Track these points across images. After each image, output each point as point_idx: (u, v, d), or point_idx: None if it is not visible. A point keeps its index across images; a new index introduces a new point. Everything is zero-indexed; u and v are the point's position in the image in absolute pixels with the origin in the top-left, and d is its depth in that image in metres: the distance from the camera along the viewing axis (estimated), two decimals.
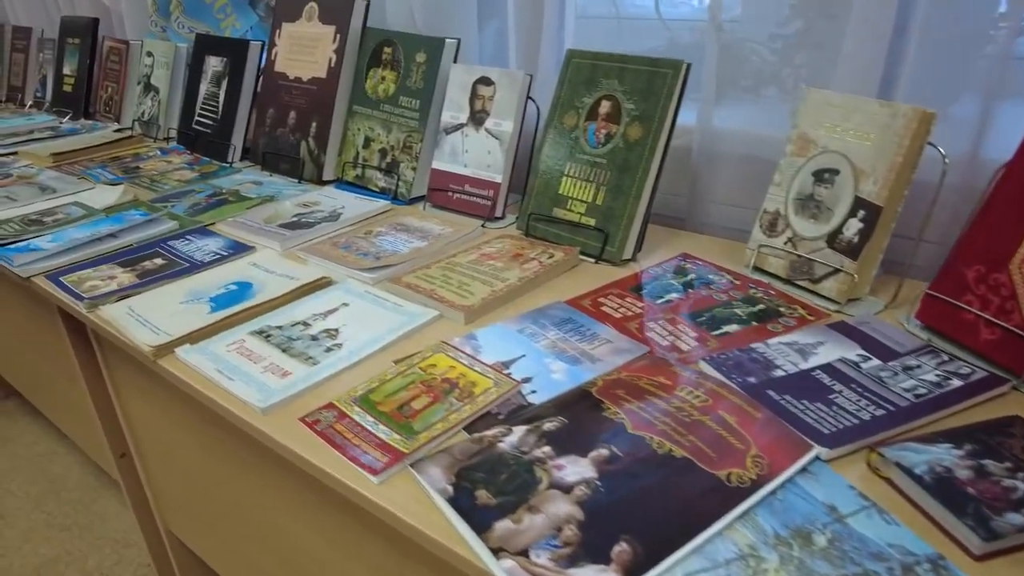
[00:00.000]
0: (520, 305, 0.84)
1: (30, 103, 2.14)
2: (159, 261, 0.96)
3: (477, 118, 1.10)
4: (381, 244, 0.99)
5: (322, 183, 1.28)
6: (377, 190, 1.21)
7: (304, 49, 1.30)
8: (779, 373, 0.69)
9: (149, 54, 1.71)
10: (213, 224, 1.10)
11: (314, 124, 1.28)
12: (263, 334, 0.77)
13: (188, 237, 1.04)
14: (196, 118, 1.53)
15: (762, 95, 1.06)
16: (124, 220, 1.10)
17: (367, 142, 1.23)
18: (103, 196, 1.24)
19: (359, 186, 1.24)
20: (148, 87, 1.70)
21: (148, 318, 0.80)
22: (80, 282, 0.91)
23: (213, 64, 1.49)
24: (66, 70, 1.98)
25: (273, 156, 1.35)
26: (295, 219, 1.09)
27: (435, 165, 1.15)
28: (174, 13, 1.70)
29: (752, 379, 0.68)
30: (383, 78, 1.21)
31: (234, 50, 1.44)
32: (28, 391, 1.64)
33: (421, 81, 1.16)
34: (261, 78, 1.40)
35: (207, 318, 0.80)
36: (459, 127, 1.12)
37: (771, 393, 0.66)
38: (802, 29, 0.99)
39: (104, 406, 1.10)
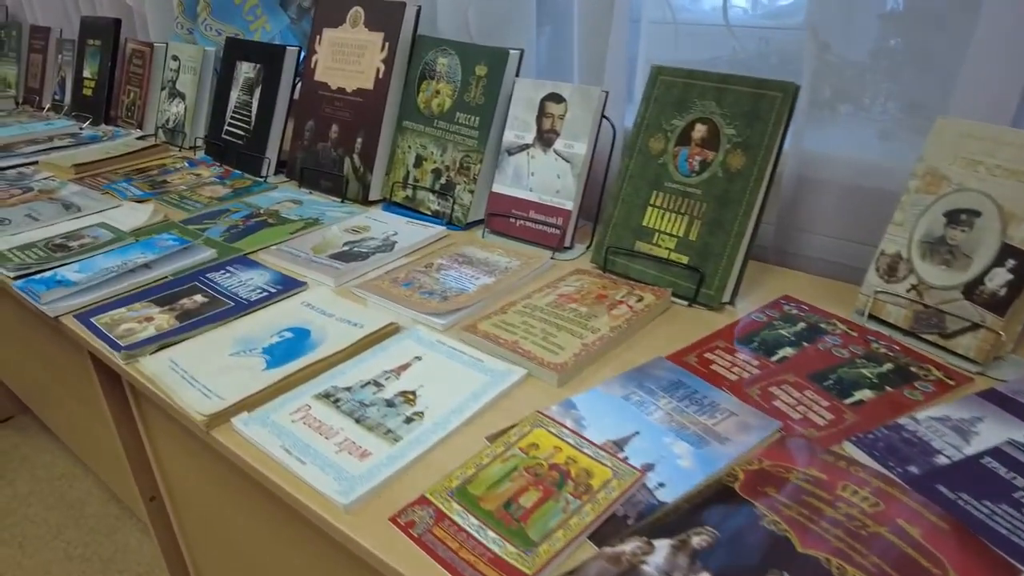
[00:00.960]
0: (615, 360, 0.73)
1: (48, 106, 2.02)
2: (200, 299, 0.85)
3: (545, 138, 0.99)
4: (445, 280, 0.88)
5: (368, 203, 1.17)
6: (429, 213, 1.10)
7: (348, 57, 1.18)
8: (941, 460, 0.58)
9: (175, 58, 1.59)
10: (255, 253, 0.99)
11: (359, 140, 1.16)
12: (331, 398, 0.66)
13: (229, 268, 0.93)
14: (226, 128, 1.41)
15: (859, 116, 0.94)
16: (156, 247, 0.98)
17: (419, 161, 1.11)
18: (131, 216, 1.13)
19: (409, 208, 1.12)
20: (173, 93, 1.59)
21: (195, 375, 0.69)
22: (114, 324, 0.79)
23: (245, 70, 1.37)
24: (86, 73, 1.86)
25: (313, 172, 1.24)
26: (346, 248, 0.98)
27: (496, 188, 1.03)
28: (201, 14, 1.58)
29: (914, 469, 0.57)
30: (437, 92, 1.09)
31: (268, 56, 1.32)
32: (48, 418, 1.53)
33: (481, 96, 1.04)
34: (299, 87, 1.29)
35: (263, 376, 0.68)
36: (524, 148, 1.01)
37: (943, 490, 0.54)
38: (911, 44, 0.88)
39: (135, 449, 0.99)
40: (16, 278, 0.92)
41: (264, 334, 0.77)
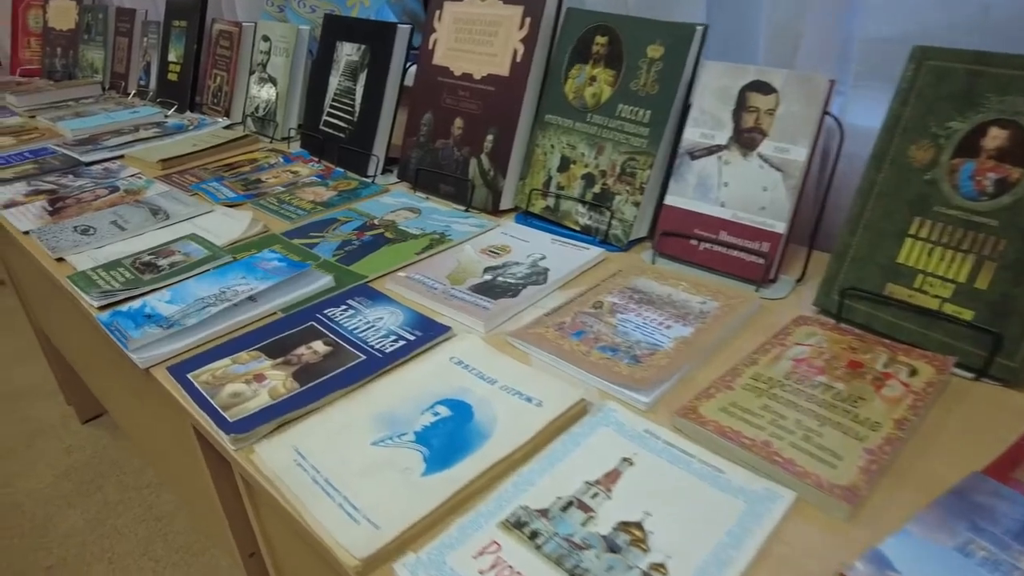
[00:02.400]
0: (909, 474, 0.49)
1: (133, 92, 1.87)
2: (321, 348, 0.65)
3: (746, 139, 0.75)
4: (626, 329, 0.66)
5: (498, 213, 0.95)
6: (577, 229, 0.87)
7: (477, 37, 0.95)
8: None
9: (265, 38, 1.40)
10: (377, 279, 0.79)
11: (490, 137, 0.94)
12: (524, 529, 0.45)
13: (351, 302, 0.73)
14: (325, 118, 1.21)
15: None
16: (260, 270, 0.79)
17: (565, 164, 0.88)
18: (225, 225, 0.94)
19: (551, 222, 0.90)
20: (263, 77, 1.40)
21: (331, 477, 0.49)
22: (217, 384, 0.60)
23: (347, 52, 1.17)
24: (171, 56, 1.70)
25: (431, 175, 1.02)
26: (489, 278, 0.76)
27: (671, 201, 0.80)
28: None
29: None
30: (593, 78, 0.86)
31: (376, 35, 1.11)
32: (136, 443, 1.39)
33: (654, 84, 0.80)
34: (415, 73, 1.07)
35: (425, 488, 0.48)
36: (715, 150, 0.77)
37: None
38: None
39: (235, 510, 0.82)
40: (102, 307, 0.75)
41: (412, 409, 0.56)
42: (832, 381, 0.57)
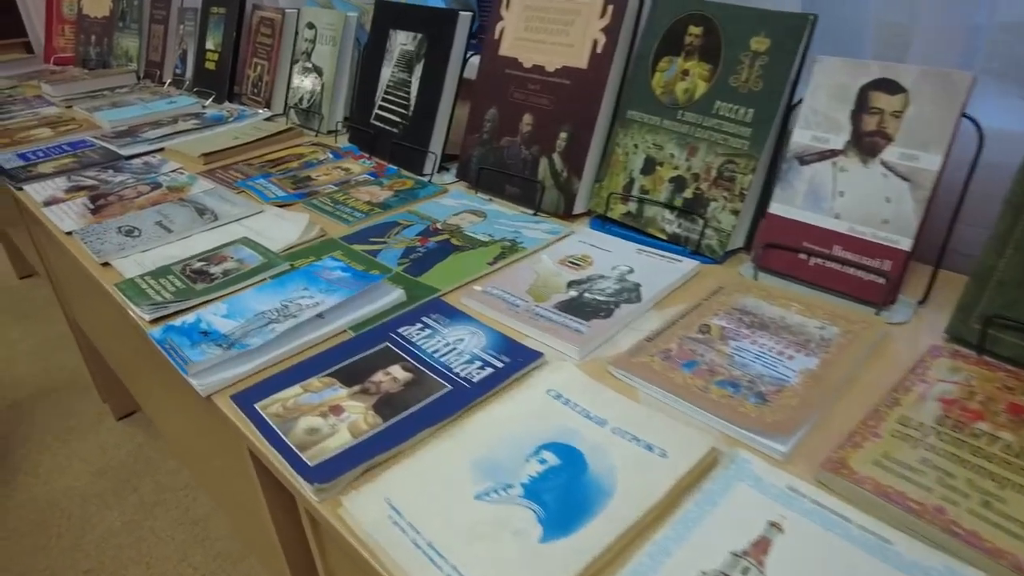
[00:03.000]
0: None
1: (169, 81, 1.81)
2: (400, 374, 0.58)
3: (866, 144, 0.66)
4: (744, 360, 0.58)
5: (570, 218, 0.87)
6: (664, 237, 0.79)
7: (551, 27, 0.87)
8: None
9: (310, 26, 1.32)
10: (451, 293, 0.72)
11: (564, 135, 0.86)
12: None
13: (426, 320, 0.66)
14: (376, 112, 1.14)
15: None
16: (322, 280, 0.72)
17: (650, 165, 0.80)
18: (277, 228, 0.87)
19: (633, 228, 0.82)
20: (307, 67, 1.33)
21: (434, 539, 0.42)
22: (289, 417, 0.54)
23: (401, 41, 1.09)
24: (209, 44, 1.63)
25: (495, 174, 0.95)
26: (575, 294, 0.69)
27: (776, 210, 0.72)
28: None
29: None
30: (685, 72, 0.77)
31: (433, 23, 1.03)
32: (185, 463, 1.34)
33: (758, 80, 0.72)
34: (476, 64, 0.99)
35: (546, 556, 0.41)
36: (829, 155, 0.68)
37: None
38: None
39: (293, 540, 0.75)
40: (152, 321, 0.69)
41: (515, 455, 0.49)
42: (995, 429, 0.49)
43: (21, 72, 2.17)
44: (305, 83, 1.33)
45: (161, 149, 1.27)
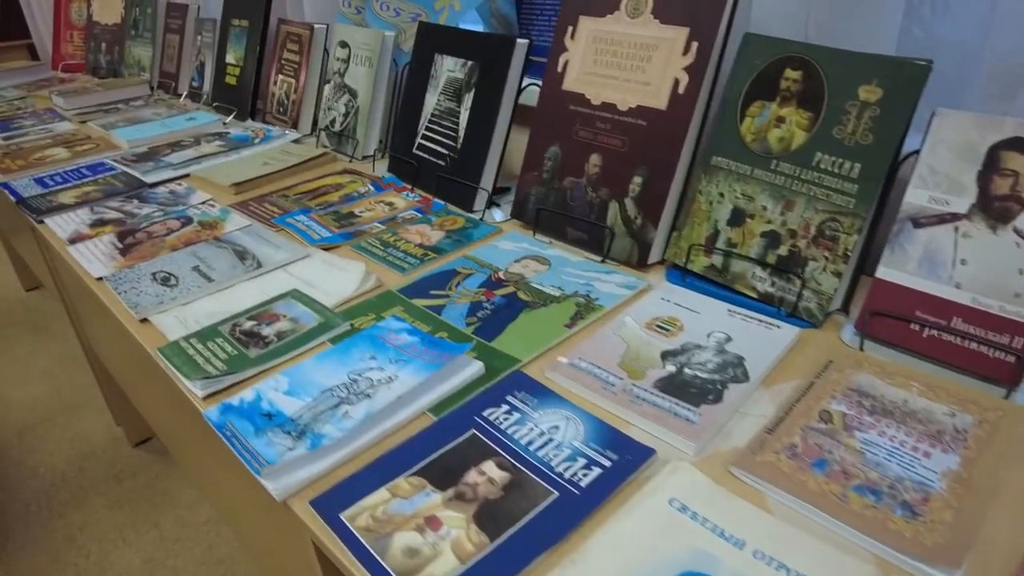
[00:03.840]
0: None
1: (185, 93, 1.73)
2: (497, 474, 0.51)
3: (997, 210, 0.59)
4: (877, 457, 0.51)
5: (643, 267, 0.81)
6: (754, 295, 0.72)
7: (625, 62, 0.80)
8: None
9: (343, 44, 1.24)
10: (533, 362, 0.65)
11: (638, 178, 0.79)
12: None
13: (511, 399, 0.59)
14: (419, 141, 1.07)
15: None
16: (388, 348, 0.65)
17: (738, 217, 0.74)
18: (331, 278, 0.80)
19: (717, 284, 0.75)
20: (341, 87, 1.25)
21: None
22: (380, 532, 0.47)
23: (448, 67, 1.02)
24: (229, 58, 1.55)
25: (556, 216, 0.88)
26: (673, 369, 0.62)
27: (886, 275, 0.65)
28: None
29: None
30: (780, 119, 0.70)
31: (485, 50, 0.96)
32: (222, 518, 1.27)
33: (867, 133, 0.65)
34: (537, 98, 0.91)
35: None
36: (949, 219, 0.62)
37: None
38: None
39: None
40: (206, 397, 0.62)
41: None
42: None
43: (29, 80, 2.08)
44: (338, 105, 1.25)
45: (187, 175, 1.19)
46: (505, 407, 0.58)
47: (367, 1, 1.26)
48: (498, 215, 0.97)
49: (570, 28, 0.85)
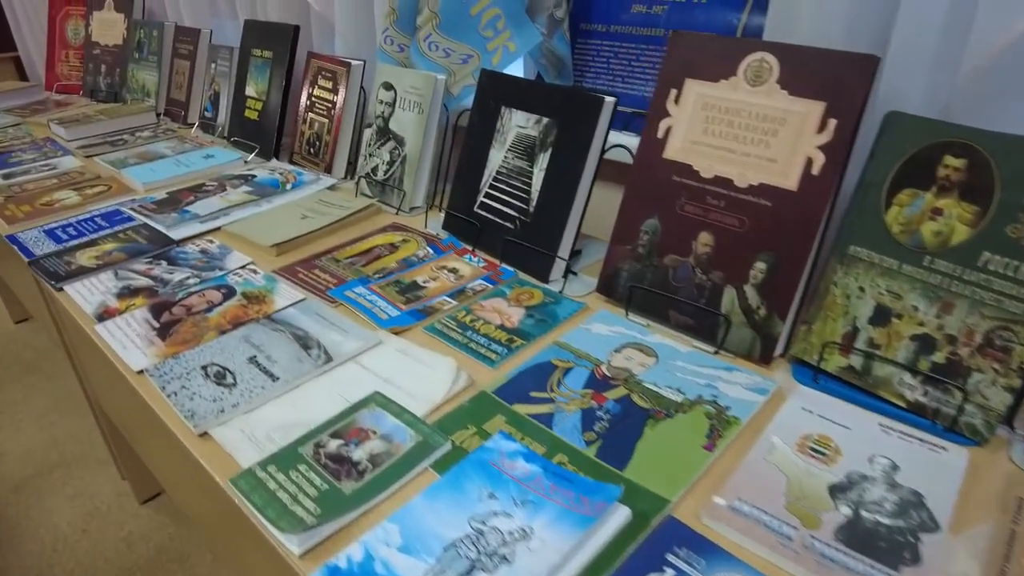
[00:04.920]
0: None
1: (196, 123, 1.59)
2: None
3: None
4: None
5: (766, 363, 0.72)
6: (903, 405, 0.64)
7: (743, 134, 0.71)
8: None
9: (387, 87, 1.13)
10: (682, 502, 0.55)
11: (761, 264, 0.70)
12: None
13: (673, 559, 0.49)
14: (482, 199, 0.96)
15: None
16: (507, 481, 0.55)
17: (883, 315, 0.65)
18: (413, 375, 0.69)
19: (856, 388, 0.66)
20: (385, 133, 1.14)
21: None
22: None
23: (518, 123, 0.91)
24: (250, 91, 1.42)
25: (655, 297, 0.78)
26: (848, 513, 0.53)
27: None
28: (424, 27, 1.11)
29: None
30: (937, 211, 0.62)
31: (565, 106, 0.86)
32: None
33: None
34: (633, 164, 0.82)
35: None
36: None
37: None
38: None
39: None
40: (303, 554, 0.51)
41: None
42: None
43: (21, 103, 1.92)
44: (382, 152, 1.14)
45: (218, 229, 1.07)
46: (671, 573, 0.48)
47: (412, 39, 1.15)
48: (577, 286, 0.87)
49: (674, 91, 0.76)
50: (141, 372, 0.72)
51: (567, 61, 1.13)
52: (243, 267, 0.94)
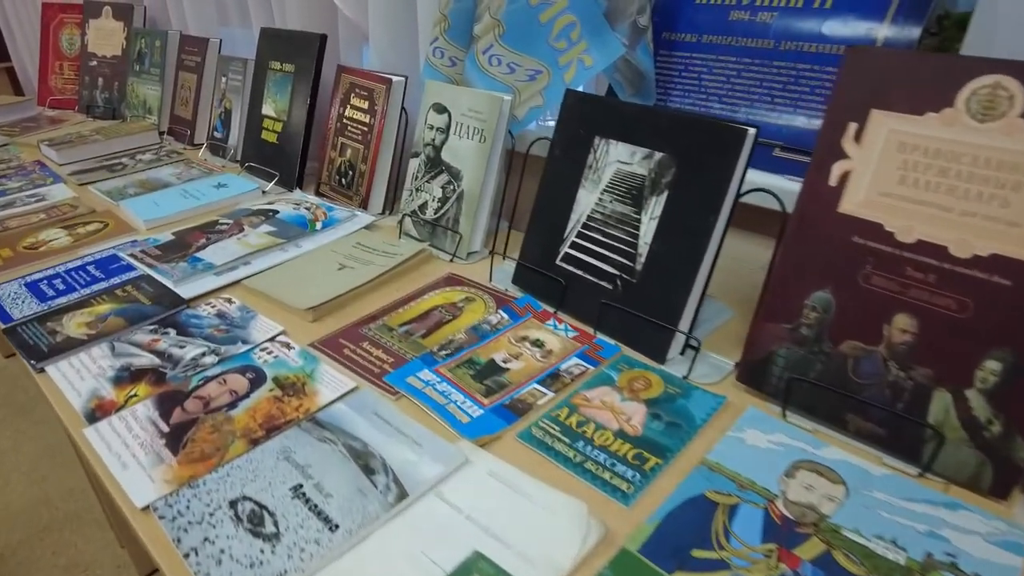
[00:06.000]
0: None
1: (204, 145, 1.39)
2: None
3: None
4: None
5: (1003, 496, 0.52)
6: None
7: (964, 185, 0.51)
8: None
9: (440, 108, 0.93)
10: None
11: (993, 363, 0.51)
12: None
13: None
14: (567, 250, 0.77)
15: None
16: None
17: None
18: (522, 523, 0.49)
19: None
20: (437, 164, 0.94)
21: None
22: None
23: (620, 157, 0.72)
24: (267, 109, 1.22)
25: (825, 393, 0.58)
26: None
27: None
28: (484, 37, 0.92)
29: None
30: None
31: (688, 138, 0.66)
32: None
33: None
34: (791, 217, 0.62)
35: None
36: None
37: None
38: None
39: None
40: None
41: None
42: None
43: (12, 120, 1.71)
44: (431, 186, 0.94)
45: (237, 281, 0.87)
46: None
47: (467, 51, 0.95)
48: (705, 370, 0.67)
49: (853, 126, 0.56)
50: (147, 508, 0.53)
51: (649, 76, 0.94)
52: (272, 339, 0.74)
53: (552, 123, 1.00)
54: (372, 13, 1.07)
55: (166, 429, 0.60)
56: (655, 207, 0.69)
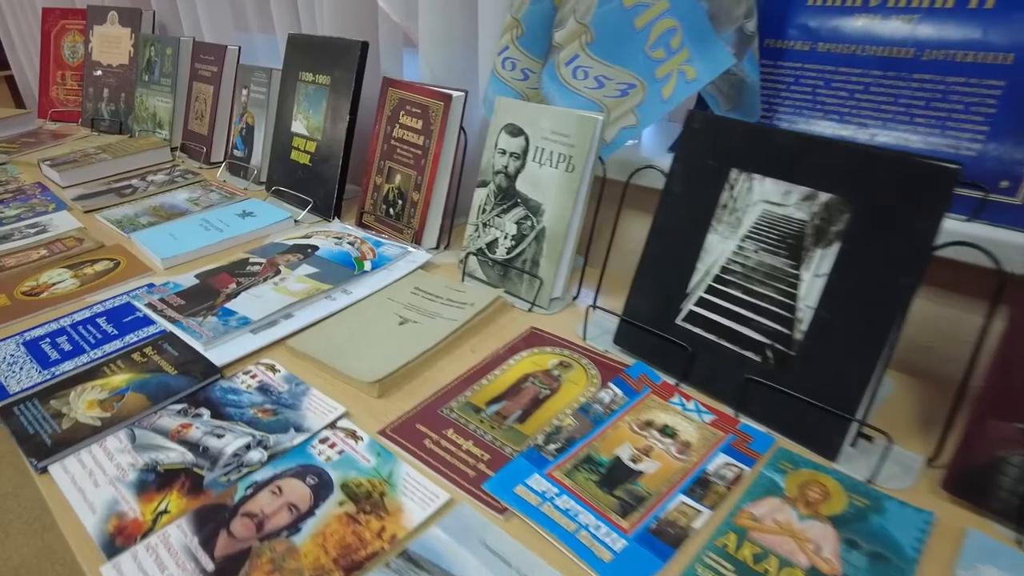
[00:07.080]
0: None
1: (222, 164, 1.24)
2: None
3: None
4: None
5: None
6: None
7: None
8: None
9: (515, 131, 0.78)
10: None
11: None
12: None
13: None
14: (693, 308, 0.62)
15: None
16: None
17: None
18: None
19: None
20: (511, 196, 0.79)
21: None
22: None
23: (770, 196, 0.57)
24: (298, 127, 1.07)
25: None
26: None
27: None
28: (568, 46, 0.76)
29: None
30: None
31: (873, 174, 0.51)
32: None
33: None
34: (982, 257, 0.47)
35: None
36: None
37: None
38: None
39: None
40: None
41: None
42: None
43: (11, 134, 1.55)
44: (503, 222, 0.79)
45: (278, 341, 0.71)
46: None
47: (546, 63, 0.80)
48: (894, 471, 0.52)
49: None
50: None
51: (755, 89, 0.79)
52: (332, 424, 0.59)
53: (632, 143, 0.85)
54: (424, 17, 0.91)
55: (211, 567, 0.45)
56: (821, 262, 0.54)
